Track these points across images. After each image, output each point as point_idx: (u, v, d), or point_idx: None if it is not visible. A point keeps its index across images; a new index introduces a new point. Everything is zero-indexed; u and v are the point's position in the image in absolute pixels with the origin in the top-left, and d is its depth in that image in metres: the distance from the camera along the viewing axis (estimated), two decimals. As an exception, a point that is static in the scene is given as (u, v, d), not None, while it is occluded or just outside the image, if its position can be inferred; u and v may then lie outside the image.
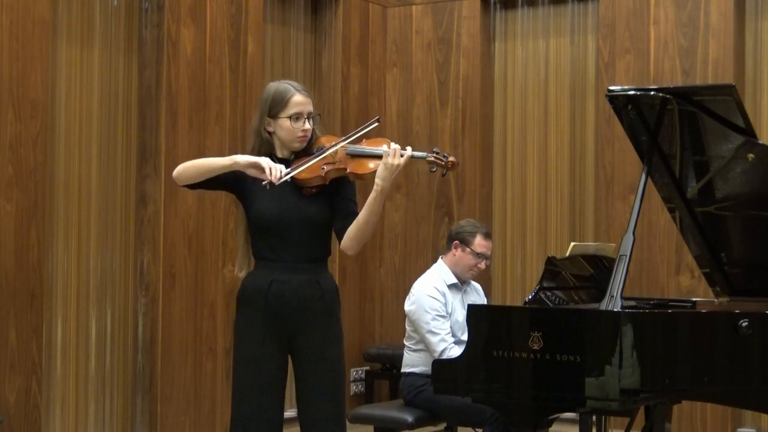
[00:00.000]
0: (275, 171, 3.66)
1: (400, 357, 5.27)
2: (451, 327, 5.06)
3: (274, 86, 3.85)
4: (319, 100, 7.11)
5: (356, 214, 3.79)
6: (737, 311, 3.85)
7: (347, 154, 3.77)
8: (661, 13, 6.55)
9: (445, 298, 5.10)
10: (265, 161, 3.69)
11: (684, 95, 3.97)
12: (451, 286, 5.15)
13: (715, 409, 6.20)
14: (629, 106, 4.02)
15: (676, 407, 5.02)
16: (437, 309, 5.04)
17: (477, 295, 5.34)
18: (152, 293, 5.86)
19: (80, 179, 5.71)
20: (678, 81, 6.42)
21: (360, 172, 3.75)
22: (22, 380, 5.20)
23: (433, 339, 5.00)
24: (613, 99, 4.04)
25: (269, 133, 3.82)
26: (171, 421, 5.88)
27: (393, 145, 3.71)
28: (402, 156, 3.69)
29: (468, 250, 5.16)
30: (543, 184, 7.14)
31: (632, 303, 4.41)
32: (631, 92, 4.01)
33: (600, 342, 3.70)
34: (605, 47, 6.71)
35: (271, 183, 3.66)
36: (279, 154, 3.83)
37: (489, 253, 5.22)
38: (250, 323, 3.80)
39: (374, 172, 3.71)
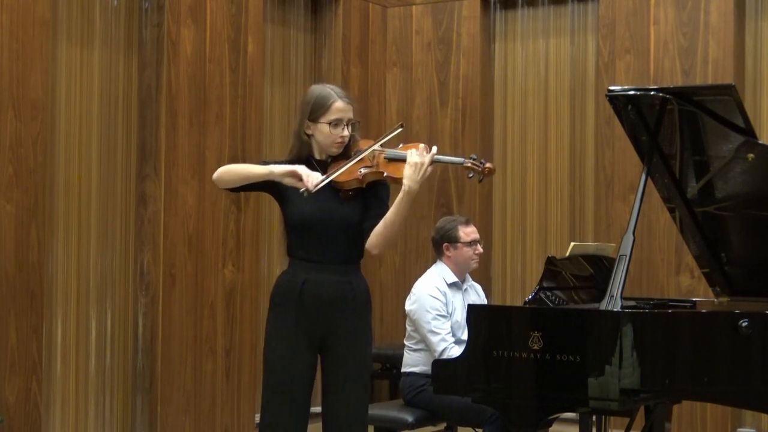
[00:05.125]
0: (312, 178, 3.71)
1: (400, 357, 5.27)
2: (451, 327, 5.06)
3: (318, 90, 3.90)
4: (319, 100, 7.10)
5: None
6: (737, 311, 3.85)
7: (385, 158, 3.83)
8: (661, 13, 6.55)
9: (446, 297, 5.11)
10: (301, 169, 3.73)
11: (684, 95, 3.97)
12: (451, 285, 5.16)
13: (715, 409, 6.19)
14: (629, 106, 4.02)
15: (676, 407, 5.02)
16: (438, 309, 5.05)
17: (477, 296, 5.35)
18: (152, 293, 5.86)
19: (80, 179, 5.71)
20: (678, 81, 6.42)
21: (397, 175, 3.80)
22: (22, 380, 5.20)
23: (433, 338, 5.00)
24: (613, 99, 4.04)
25: (308, 135, 3.88)
26: (171, 421, 5.88)
27: (420, 146, 3.78)
28: (426, 155, 3.74)
29: (459, 245, 5.17)
30: (543, 184, 7.14)
31: (632, 303, 4.40)
32: (631, 92, 4.01)
33: (600, 342, 3.70)
34: (605, 47, 6.71)
35: (308, 191, 3.70)
36: (317, 156, 3.89)
37: (478, 236, 5.24)
38: (282, 321, 3.85)
39: None
